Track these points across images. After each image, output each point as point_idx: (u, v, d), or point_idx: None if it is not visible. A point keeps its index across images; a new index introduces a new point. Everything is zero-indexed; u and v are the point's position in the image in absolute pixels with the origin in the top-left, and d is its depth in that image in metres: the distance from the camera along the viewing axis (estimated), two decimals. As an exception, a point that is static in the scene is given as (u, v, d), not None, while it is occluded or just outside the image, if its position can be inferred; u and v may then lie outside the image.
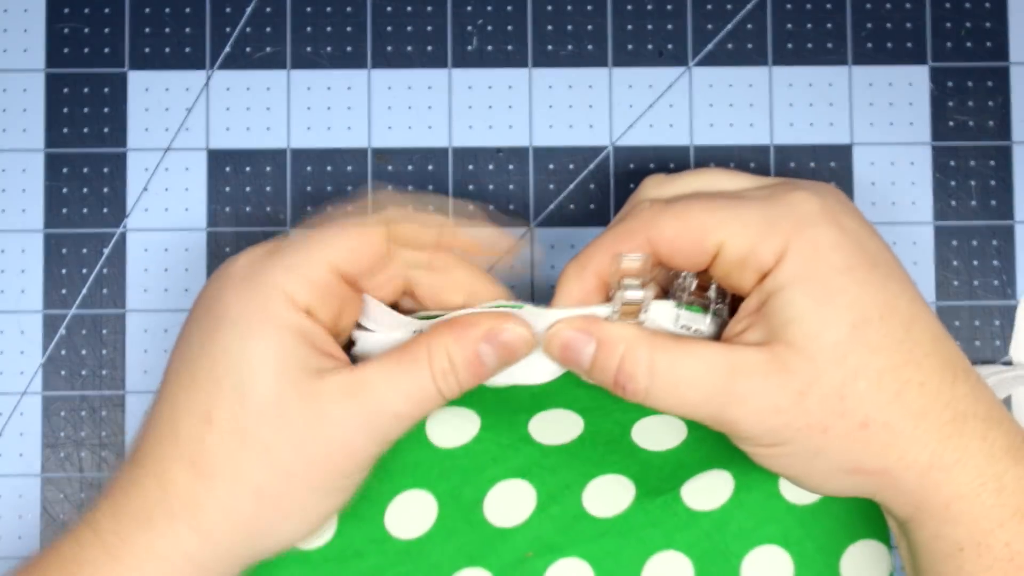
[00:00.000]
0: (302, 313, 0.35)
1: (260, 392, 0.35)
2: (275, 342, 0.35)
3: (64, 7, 0.46)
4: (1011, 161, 0.46)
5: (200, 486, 0.35)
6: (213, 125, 0.46)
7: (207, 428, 0.35)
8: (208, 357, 0.35)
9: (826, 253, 0.35)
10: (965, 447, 0.35)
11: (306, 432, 0.35)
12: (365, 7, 0.46)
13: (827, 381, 0.34)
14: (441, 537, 0.41)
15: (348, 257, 0.36)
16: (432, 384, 0.36)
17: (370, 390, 0.35)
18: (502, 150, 0.46)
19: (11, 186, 0.46)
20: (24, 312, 0.45)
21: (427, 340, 0.36)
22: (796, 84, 0.46)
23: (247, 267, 0.36)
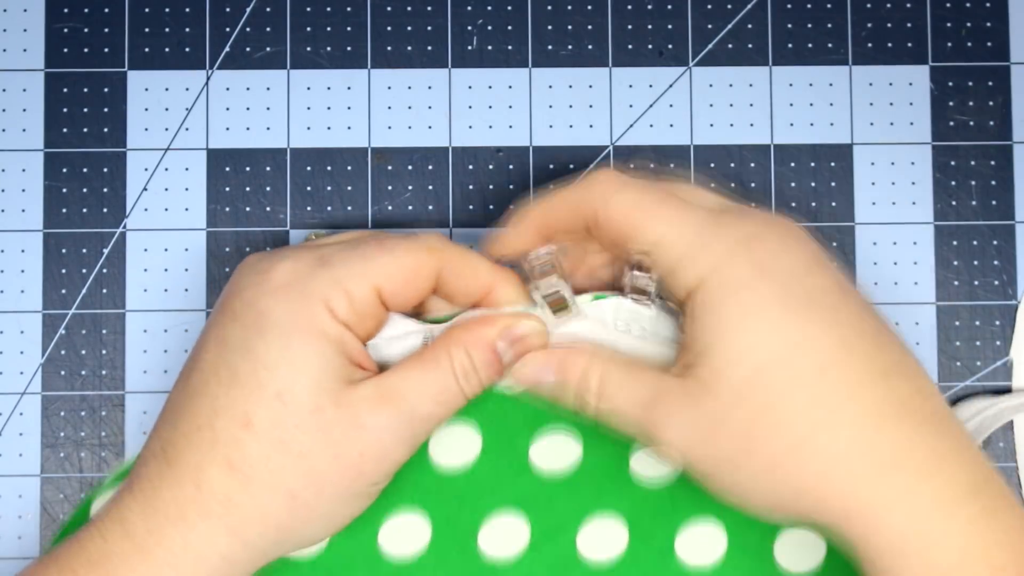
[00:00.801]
0: (341, 325, 0.36)
1: (300, 400, 0.35)
2: (317, 352, 0.36)
3: (64, 7, 0.46)
4: (1011, 161, 0.46)
5: (236, 487, 0.35)
6: (213, 125, 0.46)
7: (246, 431, 0.35)
8: (250, 360, 0.36)
9: (751, 282, 0.34)
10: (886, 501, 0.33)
11: (342, 439, 0.36)
12: (365, 7, 0.46)
13: (735, 418, 0.34)
14: (433, 563, 0.41)
15: (393, 283, 0.37)
16: (456, 384, 0.37)
17: (400, 395, 0.36)
18: (502, 150, 0.46)
19: (11, 186, 0.46)
20: (24, 312, 0.45)
21: (446, 344, 0.37)
22: (796, 84, 0.46)
23: (293, 274, 0.36)
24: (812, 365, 0.34)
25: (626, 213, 0.36)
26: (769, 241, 0.35)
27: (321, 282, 0.36)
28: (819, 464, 0.34)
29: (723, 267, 0.35)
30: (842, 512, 0.34)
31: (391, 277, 0.37)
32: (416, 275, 0.37)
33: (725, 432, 0.34)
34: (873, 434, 0.33)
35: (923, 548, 0.33)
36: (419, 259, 0.37)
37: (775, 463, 0.34)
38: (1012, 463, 0.45)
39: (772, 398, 0.34)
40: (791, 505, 0.34)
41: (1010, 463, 0.45)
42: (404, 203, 0.46)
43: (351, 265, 0.37)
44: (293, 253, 0.38)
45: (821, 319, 0.34)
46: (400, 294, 0.37)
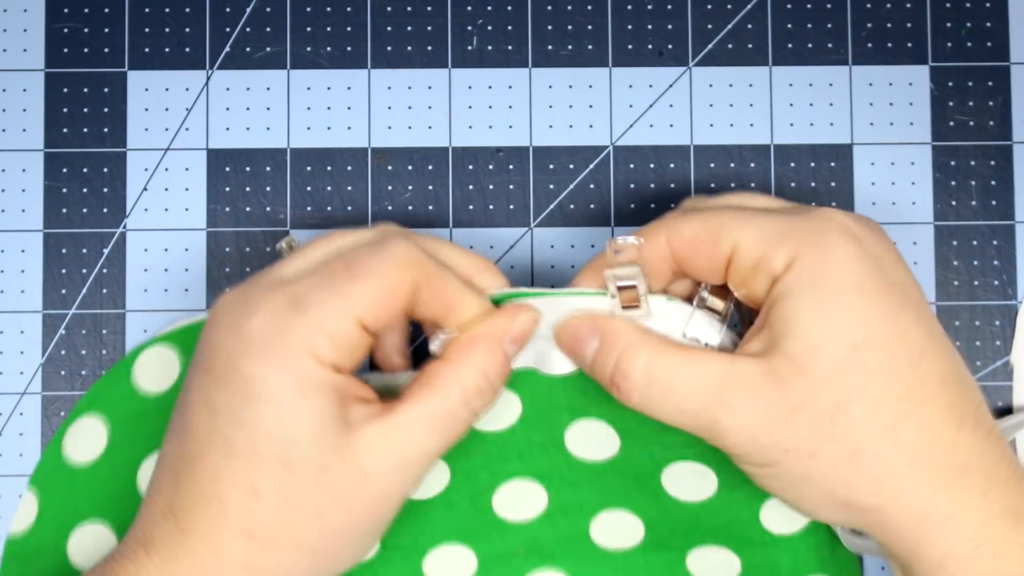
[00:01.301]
0: (331, 370, 0.35)
1: (305, 463, 0.34)
2: (312, 410, 0.34)
3: (64, 7, 0.46)
4: (1011, 161, 0.46)
5: (256, 552, 0.34)
6: (213, 125, 0.46)
7: (256, 501, 0.34)
8: (246, 430, 0.34)
9: (837, 266, 0.34)
10: (961, 502, 0.33)
11: (350, 491, 0.35)
12: (365, 7, 0.46)
13: (821, 399, 0.33)
14: (441, 508, 0.41)
15: (374, 311, 0.35)
16: (464, 409, 0.36)
17: (405, 435, 0.35)
18: (502, 150, 0.46)
19: (11, 186, 0.46)
20: (24, 312, 0.45)
21: (452, 367, 0.36)
22: (796, 84, 0.46)
23: (270, 328, 0.34)
24: (906, 354, 0.33)
25: (697, 233, 0.36)
26: (860, 228, 0.35)
27: (301, 332, 0.34)
28: (902, 457, 0.33)
29: (818, 246, 0.34)
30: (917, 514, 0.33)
31: (370, 306, 0.35)
32: (395, 297, 0.35)
33: (809, 414, 0.33)
34: (955, 434, 0.33)
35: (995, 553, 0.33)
36: (395, 280, 0.35)
37: (859, 449, 0.33)
38: None
39: (865, 381, 0.33)
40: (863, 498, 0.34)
41: None
42: (404, 203, 0.46)
43: (327, 305, 0.34)
44: (264, 300, 0.35)
45: (913, 311, 0.34)
46: (382, 319, 0.35)
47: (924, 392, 0.33)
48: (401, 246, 0.36)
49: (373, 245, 0.36)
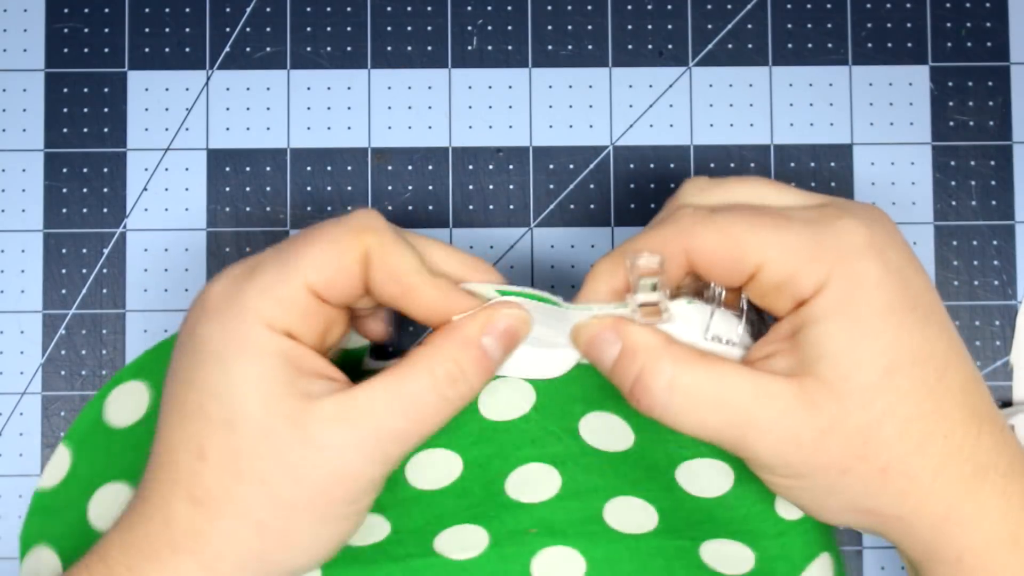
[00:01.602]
0: (283, 336, 0.34)
1: (249, 424, 0.34)
2: (257, 370, 0.34)
3: (64, 7, 0.46)
4: (1011, 161, 0.46)
5: (201, 520, 0.34)
6: (213, 125, 0.46)
7: (202, 463, 0.34)
8: (194, 391, 0.34)
9: (868, 291, 0.34)
10: (983, 502, 0.34)
11: (300, 462, 0.34)
12: (365, 7, 0.46)
13: (853, 422, 0.34)
14: (454, 495, 0.40)
15: (322, 275, 0.35)
16: (433, 394, 0.35)
17: (365, 411, 0.34)
18: (502, 150, 0.46)
19: (11, 186, 0.46)
20: (24, 312, 0.45)
21: (425, 352, 0.35)
22: (796, 84, 0.46)
23: (222, 294, 0.35)
24: (934, 370, 0.34)
25: (722, 243, 0.35)
26: (875, 243, 0.34)
27: (250, 296, 0.34)
28: (928, 469, 0.34)
29: (838, 275, 0.34)
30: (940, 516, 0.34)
31: (318, 270, 0.34)
32: (342, 264, 0.35)
33: (840, 436, 0.34)
34: (974, 439, 0.34)
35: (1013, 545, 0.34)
36: (344, 245, 0.35)
37: (888, 467, 0.34)
38: None
39: (896, 402, 0.33)
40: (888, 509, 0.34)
41: None
42: (404, 203, 0.46)
43: (275, 270, 0.35)
44: (231, 268, 0.36)
45: (936, 323, 0.35)
46: (335, 286, 0.35)
47: (949, 405, 0.34)
48: (360, 214, 0.36)
49: (336, 218, 0.36)
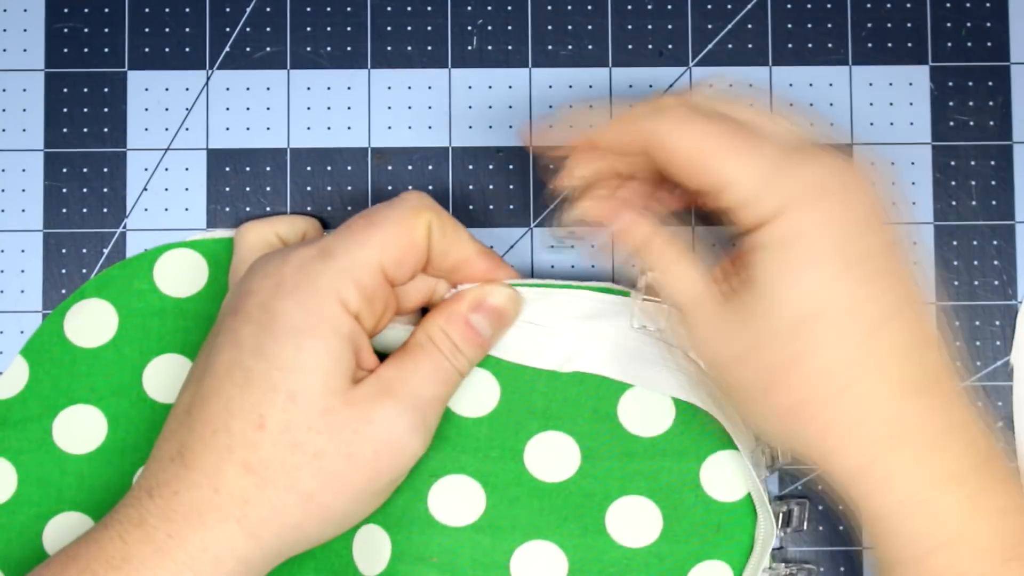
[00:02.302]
0: (353, 319, 0.37)
1: (312, 401, 0.36)
2: (329, 352, 0.36)
3: (64, 7, 0.46)
4: (1012, 161, 0.46)
5: (253, 488, 0.36)
6: (213, 125, 0.46)
7: (261, 433, 0.36)
8: (264, 362, 0.36)
9: (813, 234, 0.35)
10: (896, 467, 0.35)
11: (354, 438, 0.36)
12: (365, 7, 0.46)
13: (778, 351, 0.35)
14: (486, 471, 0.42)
15: (394, 257, 0.38)
16: (447, 362, 0.38)
17: (401, 385, 0.37)
18: (502, 150, 0.46)
19: (11, 186, 0.46)
20: (24, 312, 0.45)
21: (423, 330, 0.39)
22: (796, 84, 0.46)
23: (301, 272, 0.37)
24: (862, 326, 0.35)
25: (695, 149, 0.36)
26: (836, 192, 0.35)
27: (330, 276, 0.37)
28: (845, 419, 0.35)
29: (791, 212, 0.35)
30: (854, 470, 0.35)
31: (391, 252, 0.37)
32: (412, 241, 0.38)
33: (763, 358, 0.35)
34: (899, 403, 0.35)
35: (930, 515, 0.34)
36: (410, 224, 0.38)
37: (805, 403, 0.35)
38: (1012, 463, 0.45)
39: (818, 347, 0.35)
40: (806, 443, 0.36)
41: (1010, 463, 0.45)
42: (404, 203, 0.46)
43: (353, 253, 0.37)
44: (298, 250, 0.38)
45: (876, 280, 0.35)
46: (403, 265, 0.38)
47: (873, 362, 0.35)
48: (413, 195, 0.39)
49: (389, 202, 0.39)
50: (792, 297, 0.35)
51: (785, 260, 0.35)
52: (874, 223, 0.36)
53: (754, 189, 0.35)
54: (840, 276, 0.35)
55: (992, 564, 0.34)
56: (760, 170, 0.35)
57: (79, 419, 0.43)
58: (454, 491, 0.42)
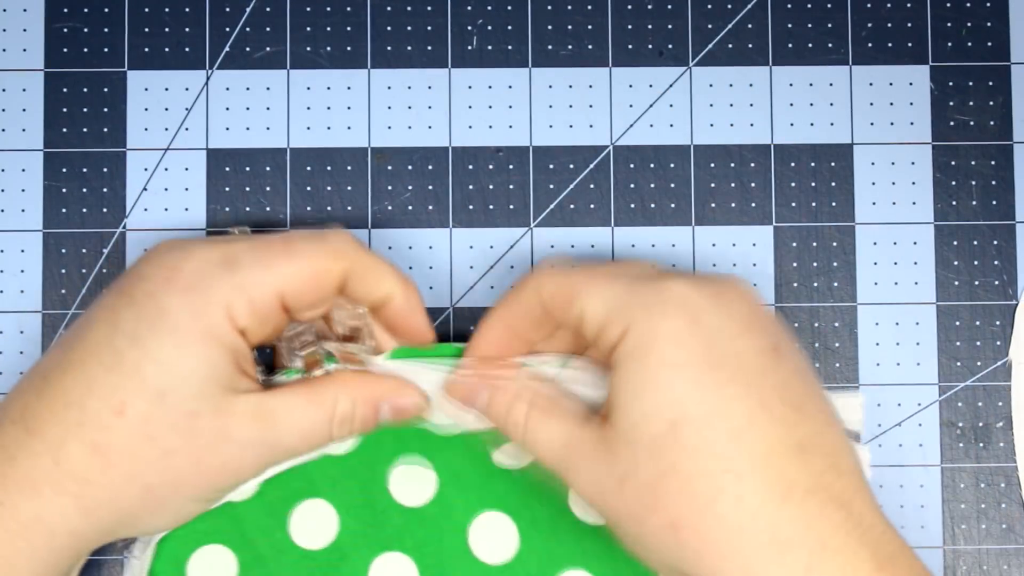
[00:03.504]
0: (237, 332, 0.37)
1: (180, 402, 0.36)
2: (208, 359, 0.36)
3: (63, 7, 0.46)
4: (1012, 161, 0.46)
5: (96, 470, 0.36)
6: (213, 125, 0.46)
7: (117, 418, 0.36)
8: (139, 351, 0.36)
9: (662, 344, 0.34)
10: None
11: (207, 447, 0.36)
12: (365, 7, 0.46)
13: (643, 473, 0.34)
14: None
15: (296, 289, 0.37)
16: (327, 426, 0.38)
17: (273, 421, 0.37)
18: (502, 150, 0.46)
19: (10, 186, 0.46)
20: (24, 312, 0.45)
21: (336, 388, 0.38)
22: (796, 84, 0.46)
23: (198, 275, 0.36)
24: (726, 430, 0.33)
25: (554, 294, 0.37)
26: (701, 299, 0.35)
27: (225, 287, 0.36)
28: (721, 532, 0.33)
29: (647, 321, 0.35)
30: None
31: (294, 284, 0.37)
32: (319, 282, 0.38)
33: (632, 485, 0.34)
34: (777, 508, 0.33)
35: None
36: (323, 265, 0.37)
37: (677, 523, 0.34)
38: (1012, 463, 0.45)
39: (682, 457, 0.33)
40: (693, 563, 0.34)
41: (1010, 463, 0.45)
42: (404, 203, 0.46)
43: (255, 271, 0.37)
44: (202, 250, 0.37)
45: (743, 383, 0.34)
46: (303, 300, 0.38)
47: (744, 467, 0.33)
48: (339, 237, 0.38)
49: (314, 233, 0.38)
50: (651, 409, 0.34)
51: (638, 373, 0.34)
52: (749, 327, 0.35)
53: (605, 313, 0.36)
54: (702, 380, 0.34)
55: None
56: (610, 297, 0.36)
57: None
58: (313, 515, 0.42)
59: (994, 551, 0.45)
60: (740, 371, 0.34)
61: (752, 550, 0.33)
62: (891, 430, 0.45)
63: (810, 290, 0.45)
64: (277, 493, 0.41)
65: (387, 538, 0.41)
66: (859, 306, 0.45)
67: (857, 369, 0.45)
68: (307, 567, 0.41)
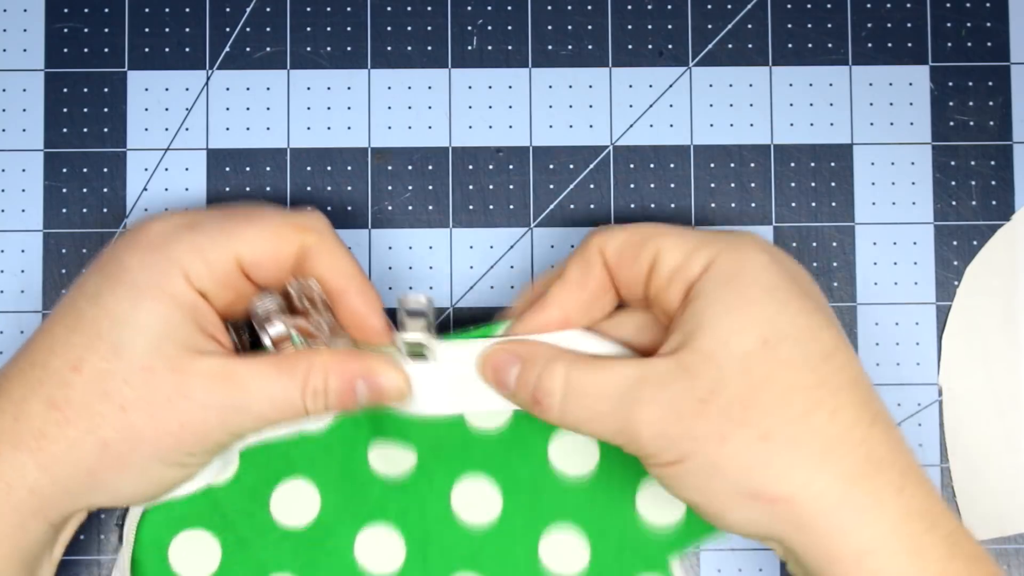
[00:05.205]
0: (195, 293, 0.37)
1: (134, 357, 0.36)
2: (163, 315, 0.36)
3: (63, 7, 0.46)
4: (1012, 161, 0.46)
5: (52, 424, 0.36)
6: (213, 125, 0.46)
7: (75, 374, 0.36)
8: (96, 308, 0.37)
9: (751, 269, 0.35)
10: (879, 495, 0.33)
11: (165, 403, 0.36)
12: (365, 7, 0.46)
13: (731, 389, 0.34)
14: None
15: (254, 255, 0.38)
16: (299, 398, 0.38)
17: (239, 384, 0.37)
18: (502, 150, 0.46)
19: (11, 186, 0.46)
20: (24, 312, 0.45)
21: (310, 358, 0.38)
22: (796, 84, 0.46)
23: (159, 235, 0.38)
24: (819, 350, 0.34)
25: (622, 246, 0.37)
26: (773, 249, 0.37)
27: (182, 246, 0.37)
28: (816, 443, 0.33)
29: (735, 252, 0.35)
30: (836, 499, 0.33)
31: (253, 249, 0.37)
32: (278, 250, 0.38)
33: (717, 403, 0.34)
34: (867, 427, 0.34)
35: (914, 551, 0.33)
36: (283, 235, 0.38)
37: (770, 434, 0.33)
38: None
39: (777, 371, 0.34)
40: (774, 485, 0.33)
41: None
42: (404, 203, 0.46)
43: (214, 234, 0.37)
44: (170, 216, 0.38)
45: (827, 314, 0.35)
46: (262, 267, 0.38)
47: (836, 384, 0.34)
48: (309, 216, 0.39)
49: (280, 208, 0.39)
50: (746, 325, 0.34)
51: (730, 294, 0.35)
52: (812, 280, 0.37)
53: (685, 253, 0.36)
54: (791, 302, 0.35)
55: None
56: (689, 240, 0.37)
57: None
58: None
59: (994, 551, 0.45)
60: (818, 303, 0.35)
61: (848, 464, 0.33)
62: (891, 430, 0.45)
63: (810, 290, 0.45)
64: (256, 474, 0.41)
65: (370, 511, 0.41)
66: (859, 306, 0.45)
67: (857, 369, 0.45)
68: (291, 545, 0.41)
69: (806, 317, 0.35)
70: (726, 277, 0.35)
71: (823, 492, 0.33)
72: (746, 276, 0.35)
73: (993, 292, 0.45)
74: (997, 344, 0.45)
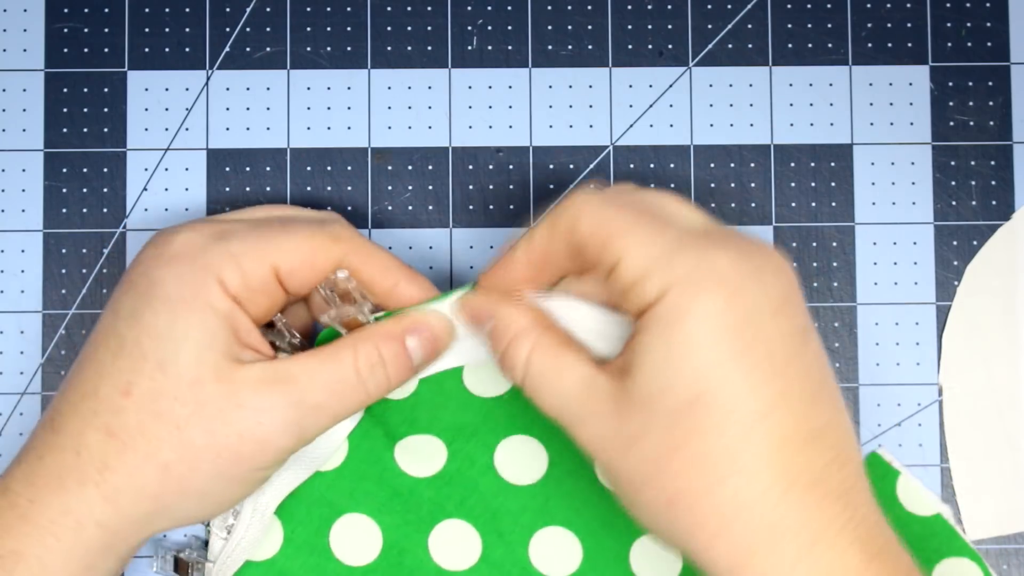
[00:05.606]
0: (231, 300, 0.37)
1: (180, 371, 0.36)
2: (202, 325, 0.36)
3: (63, 7, 0.46)
4: (1012, 161, 0.46)
5: (113, 453, 0.36)
6: (213, 125, 0.46)
7: (126, 399, 0.36)
8: (137, 328, 0.36)
9: (700, 314, 0.33)
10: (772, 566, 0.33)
11: (219, 416, 0.36)
12: (365, 7, 0.46)
13: (652, 442, 0.33)
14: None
15: (291, 263, 0.37)
16: (355, 377, 0.37)
17: (289, 380, 0.36)
18: (502, 150, 0.46)
19: (11, 186, 0.46)
20: (24, 312, 0.45)
21: (353, 338, 0.38)
22: (796, 84, 0.46)
23: (188, 245, 0.37)
24: (745, 415, 0.33)
25: (596, 229, 0.35)
26: (742, 276, 0.34)
27: (215, 255, 0.37)
28: (722, 511, 0.33)
29: (686, 291, 0.33)
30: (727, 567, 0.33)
31: (289, 258, 0.37)
32: (314, 259, 0.38)
33: (637, 452, 0.34)
34: (778, 499, 0.33)
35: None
36: (320, 244, 0.38)
37: (674, 500, 0.33)
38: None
39: (695, 436, 0.33)
40: (682, 539, 0.34)
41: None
42: (404, 203, 0.46)
43: (248, 241, 0.37)
44: (194, 225, 0.38)
45: (770, 368, 0.33)
46: (298, 275, 0.38)
47: (755, 454, 0.33)
48: (337, 225, 0.39)
49: (313, 216, 0.39)
50: (676, 381, 0.33)
51: (671, 340, 0.33)
52: (783, 308, 0.34)
53: (644, 268, 0.34)
54: (730, 360, 0.33)
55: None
56: (654, 250, 0.34)
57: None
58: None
59: (994, 551, 0.45)
60: (769, 356, 0.33)
61: (747, 534, 0.33)
62: (891, 430, 0.45)
63: (810, 290, 0.45)
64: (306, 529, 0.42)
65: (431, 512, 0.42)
66: (859, 306, 0.45)
67: (857, 369, 0.45)
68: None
69: (742, 377, 0.33)
70: (671, 319, 0.33)
71: (718, 560, 0.33)
72: (690, 323, 0.33)
73: (993, 292, 0.45)
74: (997, 344, 0.45)
